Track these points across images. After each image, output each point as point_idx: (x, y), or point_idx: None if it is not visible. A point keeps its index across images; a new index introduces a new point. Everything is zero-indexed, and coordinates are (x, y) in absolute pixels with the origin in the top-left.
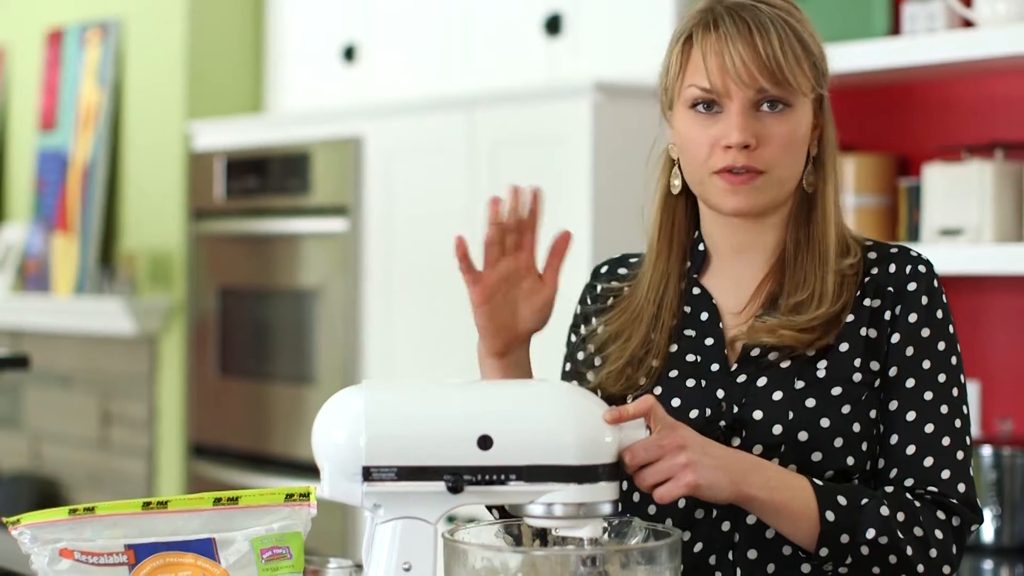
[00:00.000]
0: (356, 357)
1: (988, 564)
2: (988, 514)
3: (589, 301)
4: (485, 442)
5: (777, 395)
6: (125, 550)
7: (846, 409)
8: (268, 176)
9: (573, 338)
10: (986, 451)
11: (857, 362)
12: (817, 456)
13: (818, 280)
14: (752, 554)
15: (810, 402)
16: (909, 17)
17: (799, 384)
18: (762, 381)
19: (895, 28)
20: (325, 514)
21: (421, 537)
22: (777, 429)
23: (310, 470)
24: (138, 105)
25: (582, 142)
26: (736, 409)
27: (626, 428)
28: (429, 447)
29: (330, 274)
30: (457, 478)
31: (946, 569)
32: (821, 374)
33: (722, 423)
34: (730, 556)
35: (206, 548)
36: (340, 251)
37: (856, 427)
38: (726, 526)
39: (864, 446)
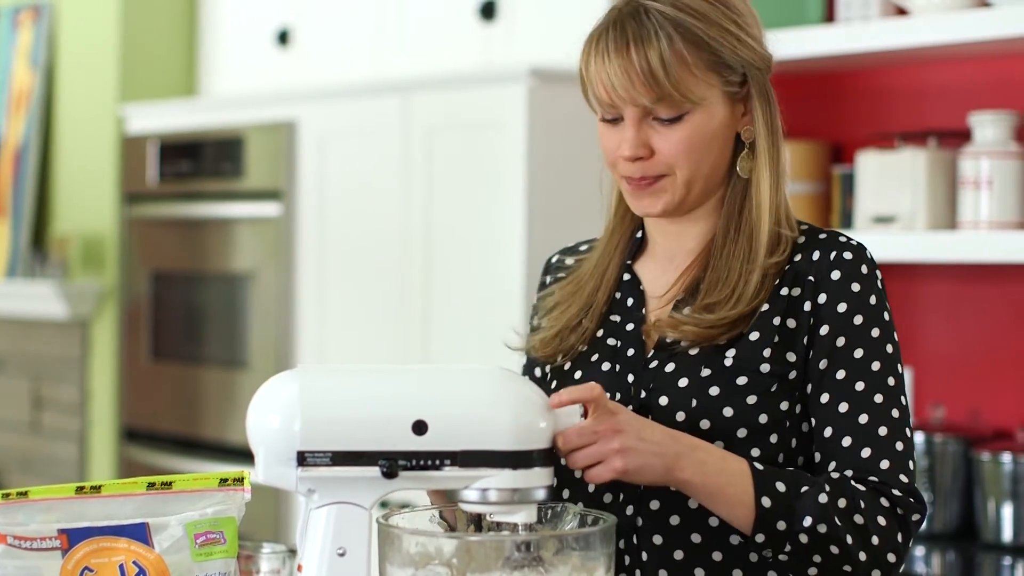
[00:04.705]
0: (289, 342)
1: (920, 551)
2: None
3: (541, 294)
4: (420, 427)
5: (683, 382)
6: (58, 535)
7: (751, 400)
8: (201, 160)
9: (529, 331)
10: (918, 438)
11: (767, 352)
12: (720, 446)
13: (742, 279)
14: (658, 539)
15: (714, 390)
16: (844, 4)
17: (705, 372)
18: (670, 367)
19: (829, 15)
20: (259, 499)
21: (356, 522)
22: (680, 416)
23: (241, 454)
24: (71, 88)
25: (517, 127)
26: (643, 394)
27: (560, 413)
28: (364, 432)
29: (263, 258)
30: (392, 463)
31: (891, 558)
32: (728, 363)
33: (630, 407)
34: (635, 540)
35: (140, 533)
36: (273, 235)
37: (763, 419)
38: (630, 510)
39: (774, 438)
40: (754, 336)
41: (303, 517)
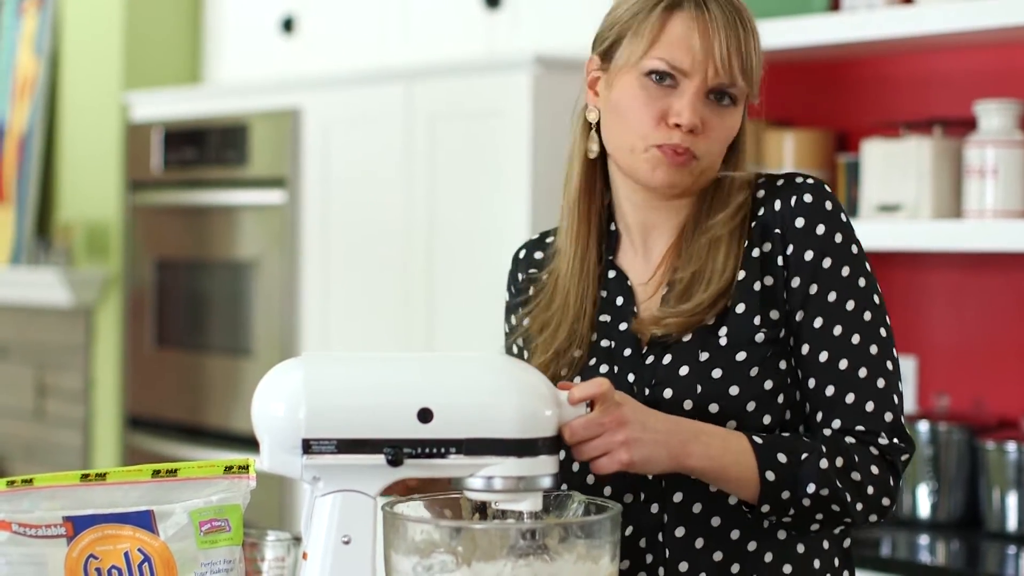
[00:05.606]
0: (293, 330)
1: (924, 539)
2: (924, 489)
3: (513, 291)
4: (425, 415)
5: (683, 371)
6: (63, 522)
7: (754, 372)
8: (205, 147)
9: (505, 328)
10: (923, 427)
11: (757, 320)
12: (732, 424)
13: (709, 255)
14: (680, 532)
15: (716, 373)
16: None
17: (703, 356)
18: (667, 359)
19: (835, 4)
20: (263, 487)
21: (360, 510)
22: (688, 405)
23: (246, 442)
24: (75, 75)
25: (521, 116)
26: (647, 391)
27: (566, 405)
28: (369, 420)
29: (267, 246)
30: (397, 451)
31: (885, 502)
32: (723, 342)
33: None
34: (660, 537)
35: (144, 520)
36: (277, 223)
37: (768, 384)
38: (655, 508)
39: (780, 399)
40: (740, 308)
41: (308, 505)
